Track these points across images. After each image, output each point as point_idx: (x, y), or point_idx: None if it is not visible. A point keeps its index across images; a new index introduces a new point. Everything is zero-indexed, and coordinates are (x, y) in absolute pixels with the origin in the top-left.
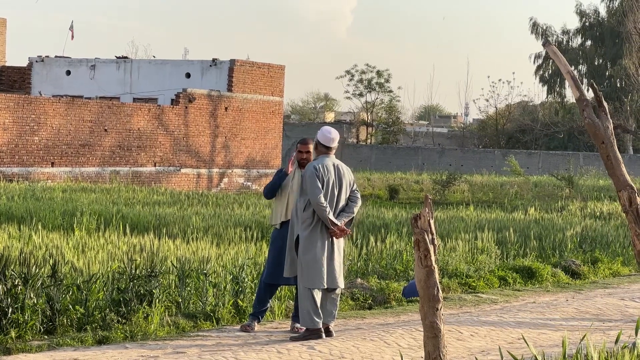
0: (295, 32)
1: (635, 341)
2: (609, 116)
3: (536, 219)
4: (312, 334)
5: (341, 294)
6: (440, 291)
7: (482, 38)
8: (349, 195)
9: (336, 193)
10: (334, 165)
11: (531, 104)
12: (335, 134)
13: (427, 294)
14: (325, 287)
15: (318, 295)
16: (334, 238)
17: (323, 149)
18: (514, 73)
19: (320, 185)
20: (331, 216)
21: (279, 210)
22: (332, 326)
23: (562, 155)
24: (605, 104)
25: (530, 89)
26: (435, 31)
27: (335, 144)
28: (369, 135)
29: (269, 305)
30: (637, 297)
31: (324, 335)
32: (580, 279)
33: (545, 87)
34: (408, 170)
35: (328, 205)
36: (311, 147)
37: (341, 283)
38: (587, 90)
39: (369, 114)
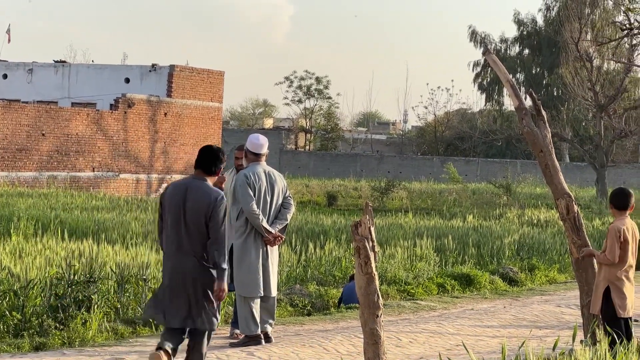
0: (234, 38)
1: (572, 347)
2: (547, 125)
3: (474, 227)
4: (251, 340)
5: (280, 300)
6: (380, 298)
7: (421, 45)
8: (282, 202)
9: (269, 200)
10: (265, 172)
11: (470, 111)
12: (263, 140)
13: (368, 300)
14: (262, 295)
15: (256, 302)
16: (269, 246)
17: (252, 157)
18: (452, 80)
19: (251, 193)
20: (264, 224)
21: None
22: (270, 332)
23: (500, 162)
24: (543, 112)
25: (469, 97)
26: (375, 38)
27: (264, 150)
28: (307, 142)
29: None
30: (573, 304)
31: (263, 341)
32: (518, 286)
33: (484, 95)
34: (346, 177)
35: (261, 213)
36: None
37: (274, 291)
38: (526, 98)
39: (307, 120)
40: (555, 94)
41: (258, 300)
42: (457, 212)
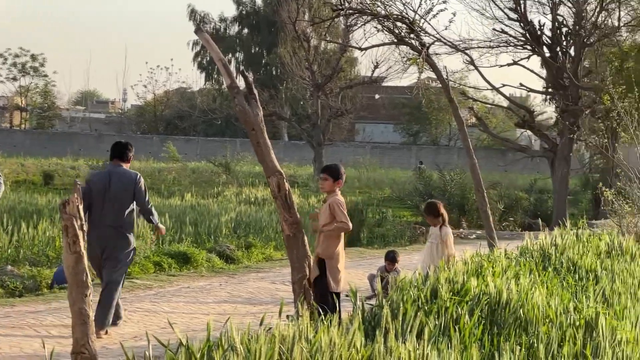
0: None
1: (278, 322)
2: (259, 103)
3: (192, 205)
4: None
5: None
6: (90, 277)
7: (141, 24)
8: None
9: None
10: None
11: (189, 90)
12: None
13: (76, 280)
14: None
15: None
16: None
17: None
18: (172, 60)
19: None
20: None
21: None
22: None
23: (220, 141)
24: (255, 91)
25: (189, 76)
26: (93, 16)
27: None
28: (23, 120)
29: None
30: (288, 281)
31: None
32: (235, 264)
33: (204, 74)
34: (64, 155)
35: None
36: None
37: None
38: (237, 77)
39: (23, 98)
40: (274, 73)
41: None
42: (176, 191)
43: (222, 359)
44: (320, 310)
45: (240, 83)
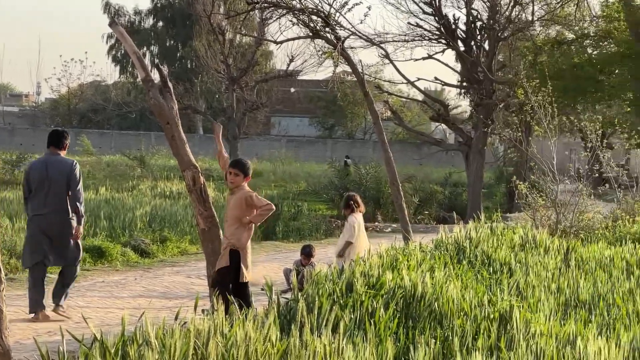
0: None
1: (194, 317)
2: (174, 97)
3: (107, 199)
4: None
5: None
6: (3, 271)
7: (54, 17)
8: None
9: None
10: None
11: (104, 83)
12: None
13: None
14: None
15: None
16: None
17: None
18: (86, 53)
19: None
20: None
21: None
22: None
23: (135, 135)
24: (170, 84)
25: (103, 69)
26: (5, 9)
27: None
28: None
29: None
30: (203, 275)
31: None
32: (150, 258)
33: (118, 67)
34: None
35: None
36: None
37: None
38: (152, 70)
39: None
40: (189, 66)
41: None
42: (90, 185)
43: (136, 354)
44: (236, 304)
45: (155, 76)
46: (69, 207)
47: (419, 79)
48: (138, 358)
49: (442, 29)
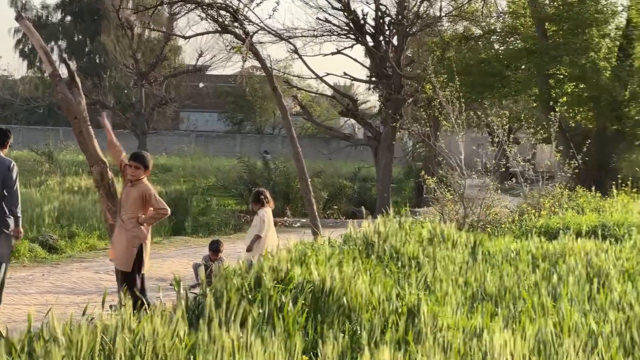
0: None
1: (101, 312)
2: (82, 92)
3: None
4: None
5: None
6: None
7: None
8: None
9: None
10: None
11: (11, 78)
12: None
13: None
14: None
15: None
16: None
17: None
18: None
19: None
20: None
21: None
22: None
23: (43, 130)
24: (78, 79)
25: (10, 64)
26: None
27: None
28: None
29: None
30: (111, 270)
31: None
32: (58, 254)
33: (26, 62)
34: None
35: None
36: None
37: None
38: (59, 65)
39: None
40: (97, 61)
41: None
42: None
43: (43, 350)
44: (143, 299)
45: (63, 71)
46: (5, 207)
47: (328, 74)
48: (45, 354)
49: (350, 24)
